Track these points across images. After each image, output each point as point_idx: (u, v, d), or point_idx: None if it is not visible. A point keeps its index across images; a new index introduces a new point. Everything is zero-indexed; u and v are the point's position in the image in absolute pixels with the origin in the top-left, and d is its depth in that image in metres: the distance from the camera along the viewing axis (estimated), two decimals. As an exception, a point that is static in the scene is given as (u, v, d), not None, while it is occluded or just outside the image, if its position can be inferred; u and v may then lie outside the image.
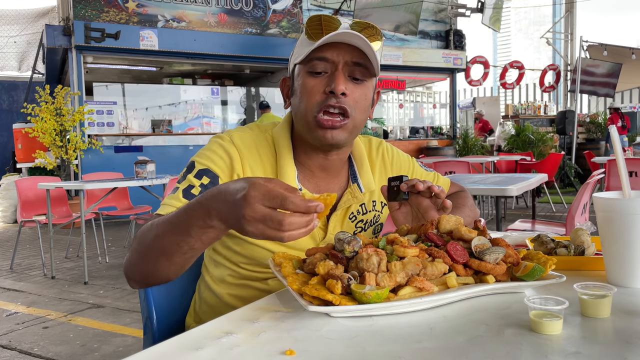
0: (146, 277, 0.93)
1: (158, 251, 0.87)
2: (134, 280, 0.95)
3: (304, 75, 1.07)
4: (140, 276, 0.93)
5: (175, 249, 0.85)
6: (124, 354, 2.72)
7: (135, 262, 0.93)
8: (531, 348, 0.62)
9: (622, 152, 0.92)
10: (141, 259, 0.92)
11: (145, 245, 0.90)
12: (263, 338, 0.68)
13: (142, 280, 0.95)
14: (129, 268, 0.95)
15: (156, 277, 0.91)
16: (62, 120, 7.13)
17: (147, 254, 0.90)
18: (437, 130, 12.21)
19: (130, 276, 0.95)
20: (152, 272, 0.91)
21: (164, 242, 0.86)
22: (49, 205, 4.41)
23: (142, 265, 0.92)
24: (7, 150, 10.87)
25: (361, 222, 1.19)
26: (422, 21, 10.16)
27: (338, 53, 1.04)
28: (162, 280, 0.92)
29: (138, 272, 0.93)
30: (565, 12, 14.55)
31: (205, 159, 1.08)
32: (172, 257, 0.86)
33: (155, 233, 0.89)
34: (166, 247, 0.86)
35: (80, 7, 7.71)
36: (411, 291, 0.77)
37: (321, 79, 1.06)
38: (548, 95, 14.84)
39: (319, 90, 1.05)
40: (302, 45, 1.08)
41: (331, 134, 1.05)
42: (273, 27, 9.33)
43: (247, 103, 11.00)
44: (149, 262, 0.90)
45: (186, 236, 0.83)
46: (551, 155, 8.22)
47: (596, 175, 3.19)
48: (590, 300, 0.72)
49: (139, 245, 0.92)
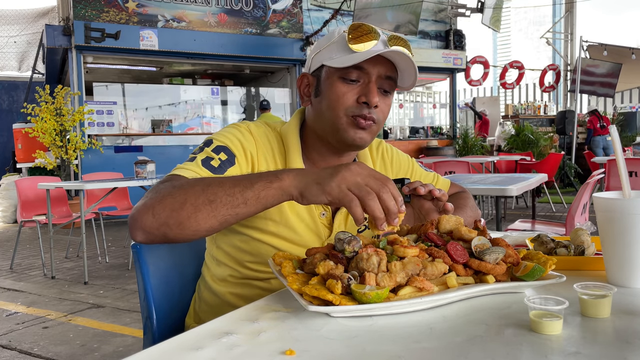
0: (165, 225, 0.87)
1: (203, 200, 0.85)
2: (144, 229, 0.88)
3: (336, 80, 1.07)
4: (157, 223, 0.87)
5: (227, 200, 0.84)
6: (124, 354, 2.72)
7: (159, 208, 0.87)
8: (531, 348, 0.62)
9: (622, 152, 0.92)
10: (174, 205, 0.86)
11: (186, 193, 0.86)
12: (263, 338, 0.68)
13: (156, 228, 0.87)
14: (144, 214, 0.88)
15: (181, 226, 0.86)
16: (62, 120, 7.13)
17: (186, 200, 0.85)
18: (437, 130, 12.21)
19: (141, 222, 0.88)
20: (181, 220, 0.86)
21: (215, 191, 0.85)
22: (49, 205, 4.41)
23: (170, 212, 0.86)
24: (7, 150, 10.87)
25: (365, 219, 1.20)
26: (422, 21, 10.16)
27: (374, 65, 1.06)
28: (183, 233, 0.87)
29: (158, 218, 0.87)
30: (565, 12, 14.55)
31: (223, 138, 1.09)
32: (217, 208, 0.85)
33: (205, 182, 0.87)
34: (216, 197, 0.85)
35: (80, 7, 7.71)
36: (411, 291, 0.77)
37: (353, 87, 1.07)
38: (548, 95, 14.83)
39: (351, 98, 1.07)
40: (339, 50, 1.07)
41: (360, 135, 1.08)
42: (273, 27, 9.33)
43: (247, 103, 11.00)
44: (184, 209, 0.85)
45: (245, 188, 0.84)
46: (551, 155, 8.22)
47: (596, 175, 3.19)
48: (590, 300, 0.72)
49: (173, 191, 0.87)
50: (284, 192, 0.85)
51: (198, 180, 0.90)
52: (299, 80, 1.17)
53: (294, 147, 1.14)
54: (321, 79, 1.11)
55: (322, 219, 1.14)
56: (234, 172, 1.05)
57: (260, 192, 0.84)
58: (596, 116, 11.09)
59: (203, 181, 0.89)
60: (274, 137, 1.16)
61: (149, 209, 0.88)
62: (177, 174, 0.99)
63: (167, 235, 0.88)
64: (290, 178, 0.85)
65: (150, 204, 0.88)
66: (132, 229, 0.90)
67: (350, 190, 0.82)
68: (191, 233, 0.87)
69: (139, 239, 0.90)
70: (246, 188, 0.85)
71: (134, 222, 0.89)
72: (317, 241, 1.13)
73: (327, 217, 1.15)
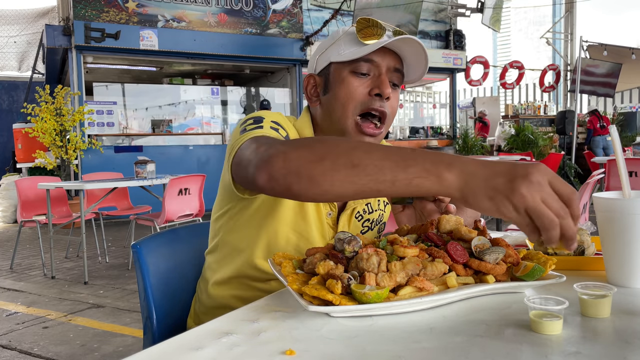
0: (295, 175, 0.78)
1: (345, 161, 0.76)
2: (270, 173, 0.79)
3: (347, 74, 1.08)
4: (287, 170, 0.78)
5: (372, 171, 0.74)
6: (124, 354, 2.72)
7: (293, 155, 0.79)
8: (531, 348, 0.62)
9: (622, 152, 0.92)
10: (310, 156, 0.78)
11: (327, 147, 0.79)
12: (263, 338, 0.68)
13: (283, 176, 0.79)
14: (274, 157, 0.80)
15: (312, 181, 0.77)
16: (62, 120, 7.13)
17: (326, 156, 0.77)
18: (437, 130, 12.21)
19: (270, 165, 0.80)
20: (313, 175, 0.77)
21: (360, 157, 0.75)
22: (49, 205, 4.41)
23: (305, 163, 0.78)
24: (7, 150, 10.87)
25: (367, 221, 1.20)
26: (422, 21, 10.15)
27: (383, 57, 1.07)
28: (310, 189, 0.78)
29: (289, 165, 0.78)
30: (565, 12, 14.55)
31: (273, 117, 1.06)
32: (359, 175, 0.75)
33: (350, 144, 0.79)
34: (361, 163, 0.75)
35: (80, 7, 7.71)
36: (411, 291, 0.77)
37: (364, 80, 1.07)
38: (548, 95, 14.83)
39: (363, 92, 1.07)
40: (347, 45, 1.08)
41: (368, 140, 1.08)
42: (273, 27, 9.33)
43: (247, 103, 10.99)
44: (322, 164, 0.77)
45: (398, 167, 0.74)
46: (551, 155, 8.22)
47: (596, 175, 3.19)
48: (590, 300, 0.72)
49: (312, 143, 0.81)
50: (442, 188, 0.74)
51: (341, 140, 0.82)
52: (305, 81, 1.16)
53: None
54: (330, 77, 1.11)
55: (328, 218, 1.14)
56: None
57: (414, 179, 0.73)
58: (596, 116, 11.09)
59: (348, 142, 0.81)
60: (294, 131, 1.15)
61: (280, 154, 0.79)
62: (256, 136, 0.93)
63: (291, 188, 0.79)
64: (453, 175, 0.73)
65: (283, 150, 0.80)
66: (258, 170, 0.81)
67: (528, 215, 0.69)
68: (320, 192, 0.78)
69: (261, 182, 0.81)
70: (399, 167, 0.74)
71: (263, 163, 0.81)
72: (321, 240, 1.13)
73: (333, 217, 1.15)
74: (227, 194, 1.11)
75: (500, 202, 0.70)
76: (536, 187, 0.69)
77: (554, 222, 0.69)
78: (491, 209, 0.71)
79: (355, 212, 1.18)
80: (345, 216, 1.16)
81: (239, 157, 0.92)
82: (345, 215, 1.16)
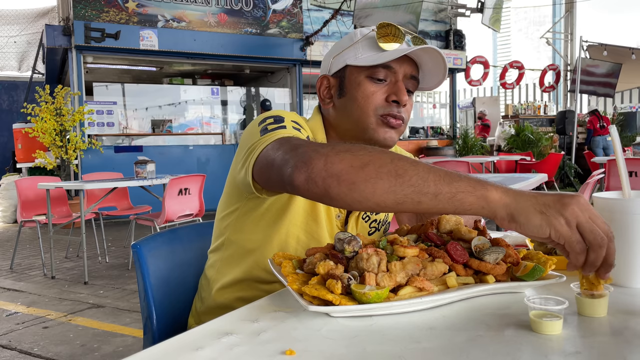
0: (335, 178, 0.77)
1: (389, 169, 0.76)
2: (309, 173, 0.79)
3: (364, 79, 1.07)
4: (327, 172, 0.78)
5: (416, 182, 0.74)
6: (124, 354, 2.72)
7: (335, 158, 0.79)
8: (531, 348, 0.62)
9: (622, 152, 0.92)
10: (353, 161, 0.78)
11: (370, 155, 0.78)
12: (263, 338, 0.68)
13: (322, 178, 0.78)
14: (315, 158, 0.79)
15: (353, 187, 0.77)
16: (62, 120, 7.13)
17: (370, 163, 0.77)
18: (437, 130, 12.21)
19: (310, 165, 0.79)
20: (355, 180, 0.76)
21: (405, 167, 0.76)
22: (49, 205, 4.41)
23: (347, 167, 0.77)
24: (7, 150, 10.87)
25: (374, 222, 1.20)
26: (422, 21, 10.15)
27: (401, 64, 1.07)
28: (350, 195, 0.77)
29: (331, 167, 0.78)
30: (565, 12, 14.55)
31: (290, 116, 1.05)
32: (402, 185, 0.74)
33: (393, 155, 0.79)
34: (406, 173, 0.75)
35: (80, 7, 7.71)
36: (411, 291, 0.77)
37: (381, 86, 1.07)
38: (548, 95, 14.84)
39: (380, 97, 1.07)
40: (365, 49, 1.07)
41: (390, 135, 1.09)
42: (273, 27, 9.33)
43: (247, 103, 10.99)
44: (365, 170, 0.77)
45: (442, 180, 0.74)
46: (551, 155, 8.22)
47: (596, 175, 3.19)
48: (586, 300, 0.72)
49: (354, 149, 0.80)
50: (487, 205, 0.73)
51: (385, 150, 0.81)
52: (319, 82, 1.15)
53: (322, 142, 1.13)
54: (345, 80, 1.10)
55: (337, 220, 1.14)
56: None
57: (458, 193, 0.74)
58: (596, 116, 11.09)
59: (392, 153, 0.80)
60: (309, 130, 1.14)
61: (322, 156, 0.79)
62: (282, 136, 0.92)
63: (329, 190, 0.78)
64: (499, 193, 0.73)
65: (325, 152, 0.79)
66: (297, 170, 0.80)
67: (580, 232, 0.70)
68: (359, 199, 0.77)
69: (299, 181, 0.80)
70: (443, 181, 0.74)
71: (302, 164, 0.79)
72: (329, 242, 1.12)
73: (342, 219, 1.15)
74: (235, 192, 1.10)
75: (552, 216, 0.71)
76: (585, 207, 0.71)
77: (604, 239, 0.69)
78: (542, 223, 0.71)
79: (362, 213, 1.17)
80: (353, 218, 1.16)
81: (266, 158, 0.90)
82: (354, 217, 1.16)
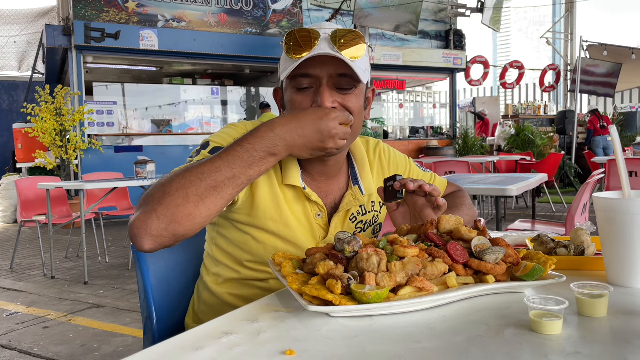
0: (174, 223, 0.86)
1: (206, 187, 0.87)
2: (151, 234, 0.86)
3: (291, 91, 1.06)
4: (165, 223, 0.86)
5: (230, 182, 0.89)
6: (124, 354, 2.72)
7: (162, 209, 0.86)
8: (531, 348, 0.62)
9: (622, 152, 0.92)
10: (176, 200, 0.86)
11: (183, 186, 0.86)
12: (263, 338, 0.68)
13: (164, 229, 0.86)
14: (146, 220, 0.86)
15: (191, 217, 0.86)
16: (62, 120, 7.13)
17: (188, 193, 0.86)
18: (437, 130, 12.21)
19: (147, 229, 0.86)
20: (189, 212, 0.86)
21: (215, 178, 0.88)
22: (49, 205, 4.41)
23: (176, 208, 0.85)
24: (7, 150, 10.87)
25: (361, 222, 1.20)
26: (422, 21, 10.16)
27: (321, 68, 1.02)
28: (194, 223, 0.87)
29: (164, 218, 0.85)
30: (565, 12, 14.55)
31: (219, 139, 1.09)
32: (223, 190, 0.89)
33: (200, 171, 0.88)
34: (218, 182, 0.88)
35: (80, 7, 7.71)
36: (411, 291, 0.77)
37: (308, 94, 1.05)
38: (548, 95, 14.83)
39: (307, 106, 1.04)
40: (285, 61, 1.05)
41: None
42: (273, 27, 9.33)
43: (247, 103, 11.00)
44: (189, 200, 0.86)
45: (245, 168, 0.90)
46: (551, 155, 8.22)
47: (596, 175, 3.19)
48: (587, 300, 0.72)
49: (168, 189, 0.87)
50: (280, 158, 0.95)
51: (187, 171, 0.89)
52: (273, 94, 1.18)
53: None
54: (284, 93, 1.11)
55: (318, 219, 1.14)
56: None
57: (261, 167, 0.92)
58: (596, 116, 11.09)
59: (194, 170, 0.89)
60: None
61: (150, 214, 0.86)
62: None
63: (177, 232, 0.87)
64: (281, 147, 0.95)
65: (150, 209, 0.87)
66: (138, 239, 0.87)
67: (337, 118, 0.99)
68: (202, 220, 0.89)
69: (148, 246, 0.87)
70: (247, 168, 0.91)
71: (138, 231, 0.86)
72: (312, 242, 1.12)
73: (323, 218, 1.15)
74: None
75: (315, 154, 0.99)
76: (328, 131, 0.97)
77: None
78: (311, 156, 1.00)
79: (349, 214, 1.17)
80: (338, 218, 1.16)
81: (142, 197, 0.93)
82: (339, 217, 1.16)
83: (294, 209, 1.11)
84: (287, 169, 1.11)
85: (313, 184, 1.15)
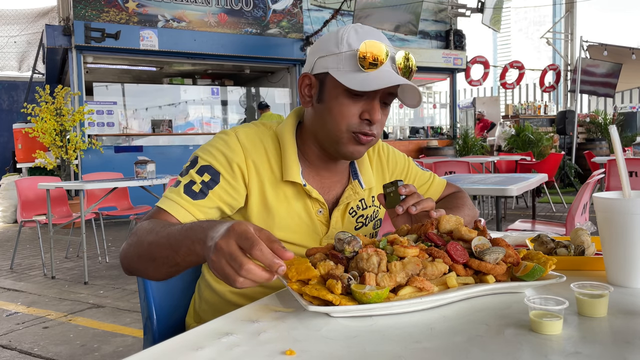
0: (136, 272, 1.00)
1: (149, 256, 0.93)
2: (127, 270, 1.01)
3: (341, 92, 1.06)
4: (129, 271, 1.01)
5: (163, 261, 0.91)
6: (124, 354, 2.72)
7: (130, 256, 0.98)
8: (531, 348, 0.62)
9: (622, 152, 0.92)
10: (135, 255, 0.97)
11: (141, 246, 0.96)
12: (263, 338, 0.68)
13: (132, 273, 1.02)
14: (124, 258, 1.00)
15: (145, 276, 1.00)
16: (62, 120, 7.13)
17: (141, 254, 0.95)
18: (437, 130, 12.21)
19: (124, 265, 1.01)
20: (142, 271, 0.98)
21: (156, 251, 0.92)
22: (49, 205, 4.41)
23: (135, 262, 0.97)
24: (7, 150, 10.87)
25: (361, 217, 1.21)
26: (422, 21, 10.15)
27: None
28: (150, 279, 1.03)
29: (130, 265, 0.99)
30: (565, 12, 14.55)
31: (208, 155, 1.09)
32: (159, 267, 0.93)
33: (151, 239, 0.94)
34: (156, 257, 0.92)
35: (80, 7, 7.71)
36: (411, 291, 0.77)
37: (358, 101, 1.07)
38: (548, 95, 14.83)
39: (354, 113, 1.07)
40: (347, 64, 1.04)
41: (358, 149, 1.10)
42: (273, 27, 9.33)
43: (247, 103, 11.00)
44: (141, 261, 0.96)
45: (174, 254, 0.89)
46: (551, 155, 8.22)
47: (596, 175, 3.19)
48: (586, 300, 0.72)
49: (135, 242, 0.97)
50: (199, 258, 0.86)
51: (150, 233, 0.95)
52: (300, 79, 1.15)
53: (289, 147, 1.13)
54: (325, 86, 1.09)
55: (320, 216, 1.15)
56: (219, 191, 1.07)
57: (186, 258, 0.88)
58: None
59: (152, 236, 0.94)
60: (269, 136, 1.15)
61: (126, 256, 0.99)
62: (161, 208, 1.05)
63: (143, 277, 1.07)
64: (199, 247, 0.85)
65: (123, 255, 1.00)
66: (122, 267, 1.02)
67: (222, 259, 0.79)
68: (154, 279, 1.01)
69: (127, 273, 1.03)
70: (176, 254, 0.89)
71: (121, 263, 1.02)
72: (314, 239, 1.13)
73: (324, 214, 1.15)
74: None
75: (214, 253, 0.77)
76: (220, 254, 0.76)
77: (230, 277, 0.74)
78: None
79: (349, 207, 1.18)
80: (338, 212, 1.16)
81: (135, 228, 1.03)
82: (339, 212, 1.17)
83: (295, 206, 1.12)
84: (287, 165, 1.11)
85: (316, 178, 1.16)
